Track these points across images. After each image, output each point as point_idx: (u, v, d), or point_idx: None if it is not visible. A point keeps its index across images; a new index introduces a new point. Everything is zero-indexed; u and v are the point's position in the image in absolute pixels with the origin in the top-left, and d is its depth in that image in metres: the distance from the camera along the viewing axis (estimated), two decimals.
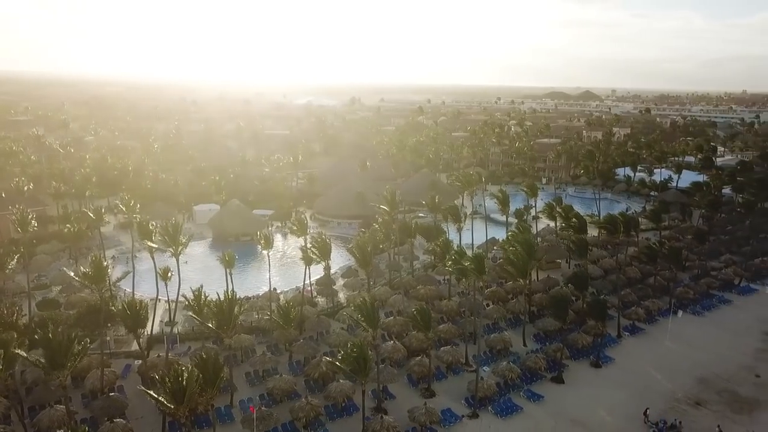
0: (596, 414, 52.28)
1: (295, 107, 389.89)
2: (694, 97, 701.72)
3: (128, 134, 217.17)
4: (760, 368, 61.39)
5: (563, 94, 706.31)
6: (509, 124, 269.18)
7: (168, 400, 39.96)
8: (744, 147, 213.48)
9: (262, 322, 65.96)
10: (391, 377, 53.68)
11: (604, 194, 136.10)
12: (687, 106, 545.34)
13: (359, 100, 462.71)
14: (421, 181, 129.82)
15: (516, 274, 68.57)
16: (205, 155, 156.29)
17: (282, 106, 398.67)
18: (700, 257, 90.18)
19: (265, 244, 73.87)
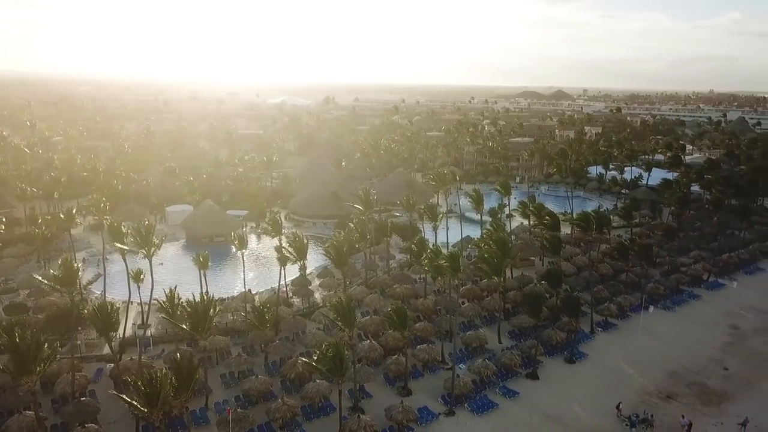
0: (570, 409, 52.97)
1: (268, 107, 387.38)
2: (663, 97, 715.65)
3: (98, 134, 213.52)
4: (728, 361, 62.87)
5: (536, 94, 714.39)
6: (483, 124, 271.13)
7: (141, 403, 39.36)
8: (711, 145, 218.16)
9: (237, 323, 65.40)
10: (367, 376, 53.66)
11: (576, 192, 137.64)
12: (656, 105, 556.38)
13: (334, 99, 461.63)
14: (396, 181, 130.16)
15: (491, 272, 69.04)
16: (178, 155, 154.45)
17: (256, 105, 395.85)
18: (670, 253, 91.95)
19: (239, 245, 73.27)
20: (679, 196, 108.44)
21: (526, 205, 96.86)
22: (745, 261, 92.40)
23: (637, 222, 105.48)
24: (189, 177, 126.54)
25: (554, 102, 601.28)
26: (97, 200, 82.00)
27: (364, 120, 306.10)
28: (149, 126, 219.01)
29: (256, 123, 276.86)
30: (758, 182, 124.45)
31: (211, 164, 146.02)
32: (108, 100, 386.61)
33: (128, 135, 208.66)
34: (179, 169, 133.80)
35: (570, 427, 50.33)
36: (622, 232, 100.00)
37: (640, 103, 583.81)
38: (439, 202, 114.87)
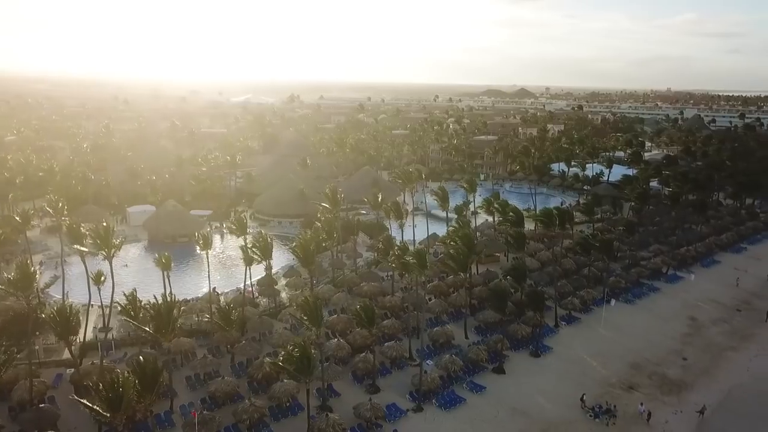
0: (536, 402, 53.81)
1: (232, 105, 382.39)
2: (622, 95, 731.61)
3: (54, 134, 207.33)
4: (686, 351, 64.79)
5: (499, 92, 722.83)
6: (448, 122, 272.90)
7: (103, 408, 38.48)
8: (669, 142, 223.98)
9: (202, 325, 64.47)
10: (335, 375, 53.53)
11: (539, 189, 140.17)
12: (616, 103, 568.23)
13: (298, 97, 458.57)
14: (362, 179, 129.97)
15: (457, 268, 69.72)
16: (139, 155, 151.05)
17: (219, 103, 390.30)
18: (631, 248, 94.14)
19: (203, 245, 72.12)
20: (638, 191, 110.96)
21: (491, 202, 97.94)
22: (702, 254, 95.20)
23: (598, 218, 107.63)
24: (151, 177, 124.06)
25: (517, 100, 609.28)
26: (54, 201, 79.51)
27: (329, 118, 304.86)
28: (108, 125, 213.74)
29: (219, 121, 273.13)
30: (714, 178, 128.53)
31: (174, 164, 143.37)
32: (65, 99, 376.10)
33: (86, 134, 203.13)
34: (140, 169, 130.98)
35: (535, 419, 51.14)
36: (585, 228, 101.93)
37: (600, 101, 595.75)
38: (405, 200, 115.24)
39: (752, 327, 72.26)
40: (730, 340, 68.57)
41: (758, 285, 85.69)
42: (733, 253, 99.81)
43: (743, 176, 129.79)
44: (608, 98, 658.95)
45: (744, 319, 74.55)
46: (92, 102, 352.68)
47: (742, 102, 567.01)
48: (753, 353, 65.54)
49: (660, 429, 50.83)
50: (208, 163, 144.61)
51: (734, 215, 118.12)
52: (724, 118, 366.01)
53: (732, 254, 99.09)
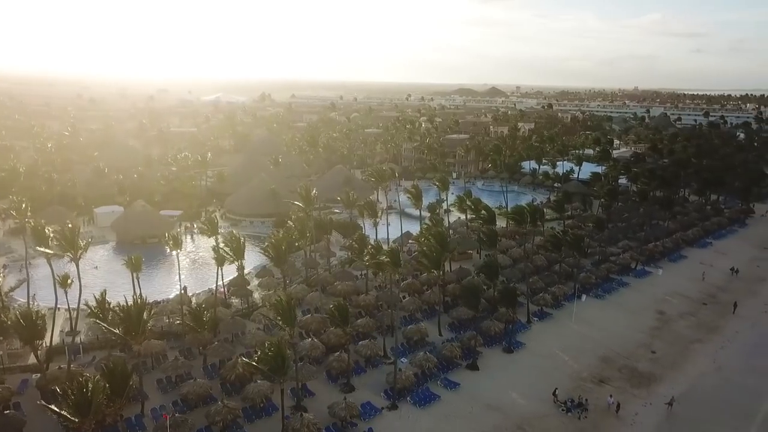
0: (510, 397, 54.30)
1: (202, 104, 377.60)
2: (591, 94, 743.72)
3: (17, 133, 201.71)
4: (655, 345, 66.07)
5: (471, 91, 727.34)
6: (420, 121, 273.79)
7: (71, 413, 37.59)
8: (637, 140, 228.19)
9: (173, 327, 63.52)
10: (309, 374, 53.23)
11: (511, 187, 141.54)
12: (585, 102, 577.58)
13: (270, 96, 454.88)
14: (335, 178, 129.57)
15: (430, 266, 69.90)
16: (106, 155, 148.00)
17: (188, 102, 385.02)
18: (600, 244, 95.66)
19: (174, 246, 71.11)
20: (607, 188, 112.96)
21: (463, 200, 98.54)
22: (669, 249, 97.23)
23: (569, 214, 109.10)
24: (118, 176, 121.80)
25: (488, 99, 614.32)
26: (17, 202, 77.39)
27: (301, 117, 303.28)
28: (74, 124, 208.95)
29: (189, 120, 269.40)
30: (680, 174, 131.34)
31: (143, 163, 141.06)
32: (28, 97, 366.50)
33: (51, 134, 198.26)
34: (108, 169, 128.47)
35: (509, 414, 51.58)
36: (555, 225, 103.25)
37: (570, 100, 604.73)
38: (378, 198, 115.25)
39: (718, 320, 74.05)
40: (697, 332, 70.15)
41: (723, 279, 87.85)
42: (699, 248, 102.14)
43: (708, 173, 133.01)
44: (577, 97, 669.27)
45: (710, 312, 76.34)
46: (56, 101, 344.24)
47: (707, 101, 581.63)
48: (719, 345, 67.14)
49: (630, 421, 51.73)
50: (178, 162, 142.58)
51: (700, 211, 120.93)
52: (690, 117, 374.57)
53: (698, 249, 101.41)
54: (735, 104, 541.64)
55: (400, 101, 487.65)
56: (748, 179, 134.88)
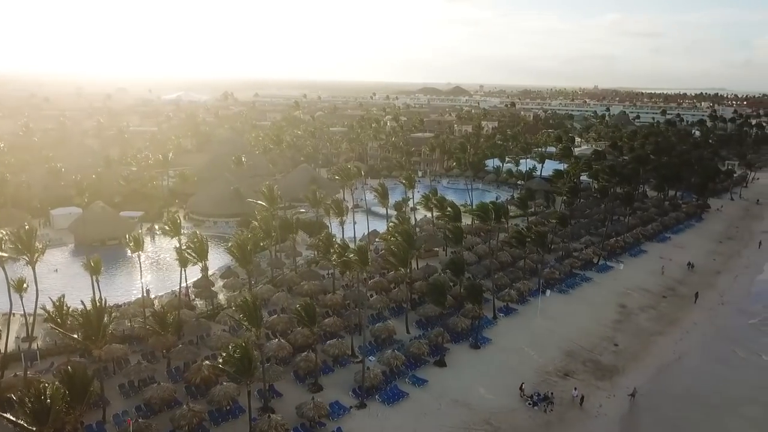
0: (477, 393, 54.71)
1: (163, 103, 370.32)
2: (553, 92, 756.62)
3: None
4: (617, 338, 67.51)
5: (435, 90, 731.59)
6: (385, 119, 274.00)
7: (29, 422, 36.32)
8: (597, 138, 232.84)
9: (135, 330, 61.96)
10: (276, 375, 52.64)
11: (475, 185, 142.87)
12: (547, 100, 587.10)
13: (232, 95, 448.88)
14: (300, 176, 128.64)
15: (397, 264, 70.04)
16: (63, 155, 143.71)
17: (148, 101, 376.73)
18: (563, 240, 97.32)
19: (135, 247, 69.41)
20: (569, 185, 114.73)
21: (429, 198, 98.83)
22: (629, 244, 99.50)
23: (532, 211, 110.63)
24: (76, 177, 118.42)
25: (452, 98, 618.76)
26: None
27: (265, 116, 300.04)
28: (27, 123, 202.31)
29: (150, 120, 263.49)
30: (639, 171, 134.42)
31: (101, 163, 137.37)
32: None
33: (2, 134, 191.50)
34: (65, 170, 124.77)
35: (477, 410, 51.96)
36: (519, 221, 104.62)
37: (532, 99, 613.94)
38: (344, 197, 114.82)
39: (677, 312, 76.13)
40: (657, 325, 71.96)
41: (681, 272, 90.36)
42: (658, 242, 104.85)
43: (666, 169, 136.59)
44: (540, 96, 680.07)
45: (669, 304, 78.43)
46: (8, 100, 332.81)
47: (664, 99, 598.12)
48: (678, 337, 69.04)
49: (594, 413, 52.72)
50: (138, 162, 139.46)
51: (658, 206, 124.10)
52: (648, 115, 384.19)
53: (657, 244, 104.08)
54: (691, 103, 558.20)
55: (365, 100, 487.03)
56: (704, 175, 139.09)
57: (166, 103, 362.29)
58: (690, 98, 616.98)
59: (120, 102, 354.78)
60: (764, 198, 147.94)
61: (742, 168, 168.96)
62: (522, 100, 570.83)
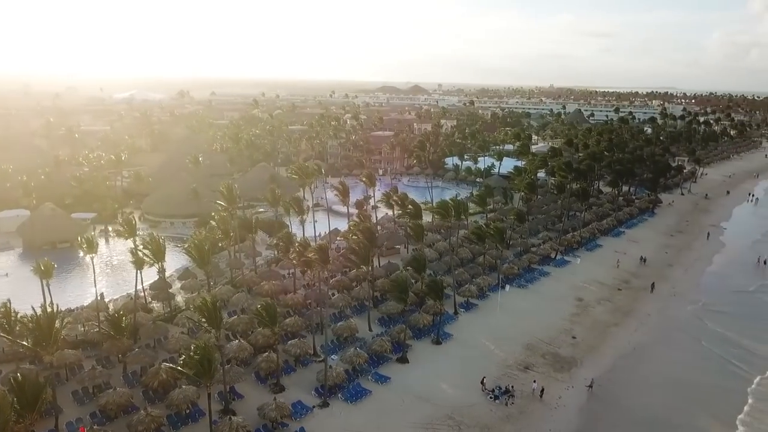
0: (439, 388, 55.02)
1: (115, 102, 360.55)
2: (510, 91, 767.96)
3: None
4: (575, 330, 68.88)
5: (394, 89, 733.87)
6: (345, 118, 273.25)
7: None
8: (553, 135, 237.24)
9: (89, 335, 60.12)
10: (237, 377, 51.80)
11: (435, 182, 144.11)
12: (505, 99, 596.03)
13: (188, 93, 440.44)
14: (259, 175, 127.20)
15: (359, 262, 69.88)
16: (9, 155, 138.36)
17: (100, 100, 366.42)
18: (522, 235, 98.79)
19: (87, 249, 67.31)
20: (527, 182, 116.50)
21: (390, 196, 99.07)
22: (586, 239, 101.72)
23: (491, 208, 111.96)
24: (23, 178, 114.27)
25: (411, 97, 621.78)
26: None
27: (222, 114, 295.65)
28: None
29: (102, 119, 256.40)
30: (594, 167, 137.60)
31: (50, 164, 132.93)
32: None
33: None
34: (11, 170, 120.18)
35: (439, 405, 52.23)
36: (479, 218, 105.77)
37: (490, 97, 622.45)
38: (304, 196, 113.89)
39: (632, 304, 78.19)
40: (613, 317, 73.75)
41: (635, 265, 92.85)
42: (613, 237, 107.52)
43: (619, 165, 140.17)
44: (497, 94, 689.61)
45: (624, 297, 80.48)
46: None
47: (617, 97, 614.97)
48: (633, 328, 70.89)
49: (554, 405, 53.63)
50: (90, 162, 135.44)
51: (613, 202, 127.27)
52: (601, 113, 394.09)
53: (612, 238, 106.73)
54: (642, 101, 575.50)
55: (324, 98, 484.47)
56: (656, 171, 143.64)
57: (118, 102, 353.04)
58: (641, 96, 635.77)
59: (70, 101, 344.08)
60: (712, 192, 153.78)
61: (692, 164, 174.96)
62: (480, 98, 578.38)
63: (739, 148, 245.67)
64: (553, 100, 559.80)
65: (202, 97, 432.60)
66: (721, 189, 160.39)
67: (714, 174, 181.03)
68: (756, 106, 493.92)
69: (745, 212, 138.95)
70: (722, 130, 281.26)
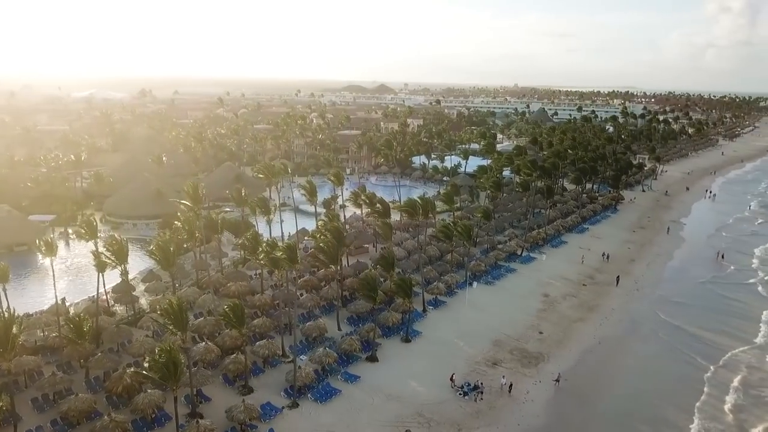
0: (409, 386, 55.10)
1: (74, 101, 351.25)
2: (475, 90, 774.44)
3: None
4: (542, 326, 69.81)
5: (360, 88, 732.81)
6: (311, 117, 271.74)
7: None
8: (518, 134, 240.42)
9: (49, 340, 58.36)
10: (204, 379, 50.94)
11: (403, 181, 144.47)
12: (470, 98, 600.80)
13: (151, 92, 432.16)
14: (224, 175, 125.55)
15: (328, 261, 69.47)
16: None
17: (58, 99, 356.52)
18: (488, 233, 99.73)
19: (46, 252, 65.25)
20: (493, 180, 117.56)
21: (358, 195, 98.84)
22: (551, 236, 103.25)
23: (458, 206, 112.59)
24: None
25: (378, 96, 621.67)
26: None
27: (186, 114, 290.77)
28: None
29: (60, 118, 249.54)
30: (558, 165, 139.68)
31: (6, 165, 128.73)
32: None
33: None
34: None
35: (409, 403, 52.31)
36: (446, 216, 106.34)
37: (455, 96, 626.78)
38: (271, 195, 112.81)
39: (596, 299, 79.66)
40: (579, 312, 75.01)
41: (599, 261, 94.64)
42: (577, 233, 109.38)
43: (583, 163, 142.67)
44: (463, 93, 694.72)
45: (589, 292, 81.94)
46: None
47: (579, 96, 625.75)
48: (598, 323, 72.21)
49: (522, 399, 54.26)
50: (48, 163, 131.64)
51: (576, 199, 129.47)
52: (565, 111, 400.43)
53: (576, 234, 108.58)
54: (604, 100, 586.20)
55: (290, 97, 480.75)
56: (618, 169, 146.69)
57: (77, 101, 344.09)
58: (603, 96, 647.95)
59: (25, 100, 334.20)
60: (672, 189, 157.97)
61: (652, 161, 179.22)
62: (446, 98, 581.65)
63: (697, 145, 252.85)
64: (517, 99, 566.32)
65: (165, 96, 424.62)
66: (681, 186, 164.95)
67: (673, 171, 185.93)
68: (712, 106, 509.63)
69: (703, 208, 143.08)
70: (681, 129, 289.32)
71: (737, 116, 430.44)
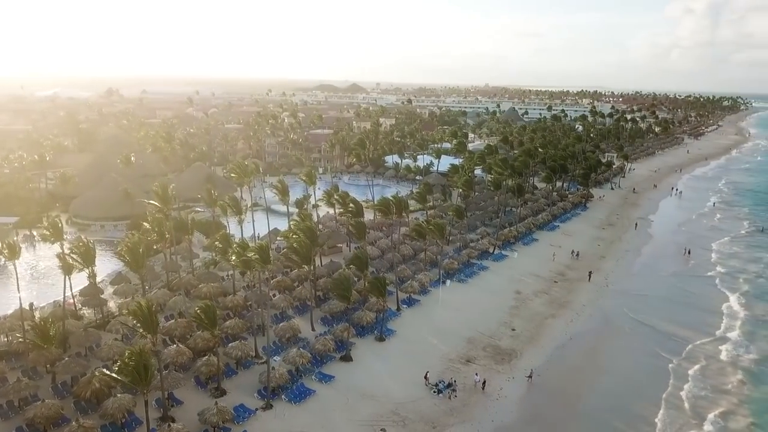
0: (383, 384, 55.09)
1: (37, 100, 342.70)
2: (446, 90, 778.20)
3: None
4: (514, 323, 70.48)
5: (332, 87, 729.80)
6: (283, 116, 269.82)
7: None
8: (489, 133, 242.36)
9: (13, 345, 56.71)
10: (176, 382, 50.11)
11: (376, 180, 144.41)
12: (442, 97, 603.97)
13: (118, 91, 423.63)
14: (195, 175, 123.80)
15: (301, 261, 69.04)
16: None
17: (20, 98, 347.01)
18: (461, 231, 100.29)
19: (9, 255, 63.44)
20: (465, 179, 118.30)
21: (331, 195, 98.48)
22: (522, 234, 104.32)
23: (431, 205, 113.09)
24: None
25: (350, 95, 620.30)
26: None
27: (154, 113, 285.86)
28: None
29: (23, 118, 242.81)
30: (528, 164, 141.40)
31: None
32: None
33: None
34: None
35: (384, 402, 52.29)
36: (419, 215, 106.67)
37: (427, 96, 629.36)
38: (243, 195, 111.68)
39: (567, 295, 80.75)
40: (550, 308, 75.94)
41: (570, 258, 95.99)
42: (548, 231, 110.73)
43: (553, 162, 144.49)
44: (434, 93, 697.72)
45: (560, 289, 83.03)
46: None
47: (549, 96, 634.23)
48: (569, 319, 73.21)
49: (495, 396, 54.69)
50: (10, 163, 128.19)
51: (547, 197, 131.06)
52: (535, 111, 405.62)
53: (547, 232, 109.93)
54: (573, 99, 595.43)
55: (261, 96, 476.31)
56: (587, 167, 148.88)
57: (40, 100, 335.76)
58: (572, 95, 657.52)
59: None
60: (640, 187, 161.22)
61: (620, 160, 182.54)
62: (418, 97, 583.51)
63: (664, 144, 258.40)
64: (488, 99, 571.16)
65: (133, 95, 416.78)
66: (648, 183, 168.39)
67: (641, 169, 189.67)
68: (678, 105, 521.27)
69: (670, 205, 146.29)
70: (648, 128, 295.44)
71: (702, 115, 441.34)
